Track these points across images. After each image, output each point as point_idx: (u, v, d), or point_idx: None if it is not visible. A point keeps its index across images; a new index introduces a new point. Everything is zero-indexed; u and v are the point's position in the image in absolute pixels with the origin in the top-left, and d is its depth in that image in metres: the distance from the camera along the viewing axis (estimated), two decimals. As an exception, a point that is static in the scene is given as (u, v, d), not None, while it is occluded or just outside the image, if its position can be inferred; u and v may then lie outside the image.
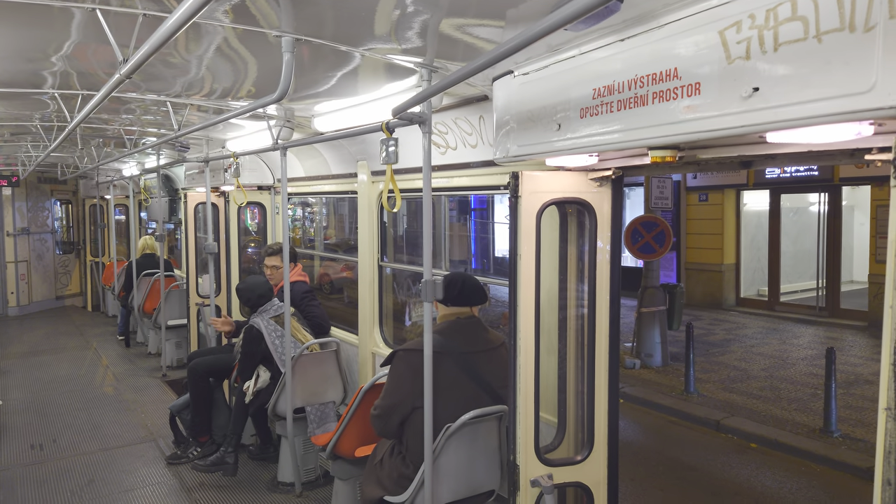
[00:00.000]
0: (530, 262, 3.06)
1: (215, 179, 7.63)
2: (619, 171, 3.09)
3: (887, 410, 1.60)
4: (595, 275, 3.24)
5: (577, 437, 3.52)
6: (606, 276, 3.26)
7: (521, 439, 3.09)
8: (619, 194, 3.25)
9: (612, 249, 3.25)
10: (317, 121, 5.18)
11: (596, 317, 3.27)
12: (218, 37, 3.09)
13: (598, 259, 3.26)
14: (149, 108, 5.47)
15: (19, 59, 3.79)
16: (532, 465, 3.14)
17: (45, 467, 6.01)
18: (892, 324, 1.58)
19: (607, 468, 3.34)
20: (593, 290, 3.27)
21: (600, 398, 3.29)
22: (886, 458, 1.61)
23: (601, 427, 3.31)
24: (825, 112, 1.70)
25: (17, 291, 14.28)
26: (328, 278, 15.71)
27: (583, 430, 3.48)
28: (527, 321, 3.06)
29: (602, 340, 3.29)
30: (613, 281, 3.27)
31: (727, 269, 15.50)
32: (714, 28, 1.95)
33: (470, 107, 3.89)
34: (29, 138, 7.98)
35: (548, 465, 3.19)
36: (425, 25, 2.70)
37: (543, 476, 3.11)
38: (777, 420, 7.80)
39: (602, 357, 3.29)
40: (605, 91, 2.41)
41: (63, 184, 14.99)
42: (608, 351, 3.30)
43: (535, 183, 3.05)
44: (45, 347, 11.15)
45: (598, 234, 3.24)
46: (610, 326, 3.27)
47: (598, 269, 3.26)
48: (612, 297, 3.29)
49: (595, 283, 3.25)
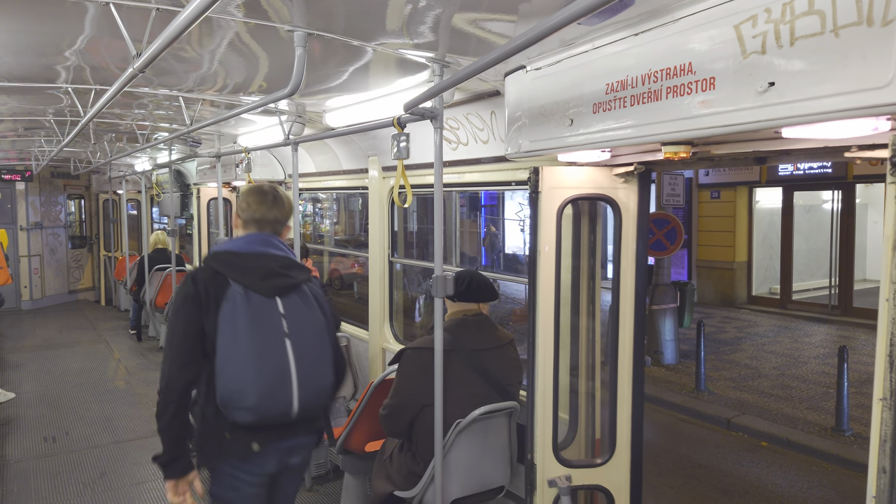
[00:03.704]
0: (550, 259, 3.00)
1: (227, 175, 7.66)
2: (641, 167, 3.01)
3: (882, 401, 1.66)
4: (619, 276, 3.14)
5: (587, 435, 3.51)
6: (631, 277, 3.15)
7: (538, 438, 3.07)
8: (645, 190, 3.15)
9: (638, 249, 3.15)
10: (328, 116, 5.18)
11: (620, 320, 3.18)
12: (230, 31, 3.09)
13: (623, 259, 3.15)
14: (161, 102, 5.50)
15: (33, 54, 3.82)
16: (550, 465, 3.11)
17: (58, 459, 6.07)
18: (888, 317, 1.64)
19: (630, 473, 3.29)
20: (617, 292, 3.17)
21: (623, 402, 3.24)
22: (882, 446, 1.67)
23: (624, 431, 3.26)
24: (842, 107, 1.68)
25: (30, 286, 14.41)
26: (338, 273, 15.76)
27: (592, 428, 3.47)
28: (546, 320, 3.02)
29: (626, 344, 3.21)
30: (639, 283, 3.16)
31: (739, 267, 15.40)
32: (729, 22, 1.94)
33: (481, 102, 3.88)
34: (42, 133, 8.04)
35: (566, 465, 3.15)
36: (437, 20, 2.69)
37: (561, 477, 3.08)
38: (788, 418, 7.76)
39: (626, 361, 3.22)
40: (618, 86, 2.40)
41: (76, 179, 15.10)
42: (632, 355, 3.21)
43: (556, 178, 2.98)
44: (58, 341, 11.25)
45: (622, 232, 3.14)
46: (635, 330, 3.18)
47: (622, 269, 3.16)
48: (638, 301, 3.18)
49: (619, 284, 3.14)
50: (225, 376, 2.71)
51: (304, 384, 2.78)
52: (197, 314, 2.73)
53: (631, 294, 3.15)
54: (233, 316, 2.73)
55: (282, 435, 2.82)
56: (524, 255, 15.77)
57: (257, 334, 2.74)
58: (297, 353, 2.79)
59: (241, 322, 2.72)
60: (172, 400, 2.71)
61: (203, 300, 2.74)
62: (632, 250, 3.11)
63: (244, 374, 2.70)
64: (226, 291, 2.75)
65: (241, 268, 2.82)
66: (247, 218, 2.99)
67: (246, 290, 2.76)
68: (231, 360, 2.71)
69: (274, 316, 2.79)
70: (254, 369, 2.70)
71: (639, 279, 3.15)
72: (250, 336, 2.72)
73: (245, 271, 2.81)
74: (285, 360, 2.76)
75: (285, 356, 2.76)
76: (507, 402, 3.60)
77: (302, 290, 2.92)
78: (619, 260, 3.13)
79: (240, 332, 2.72)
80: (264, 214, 2.97)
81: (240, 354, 2.71)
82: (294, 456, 2.94)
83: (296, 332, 2.81)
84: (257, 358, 2.71)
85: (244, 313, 2.73)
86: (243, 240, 2.94)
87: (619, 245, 3.12)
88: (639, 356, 3.23)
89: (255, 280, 2.79)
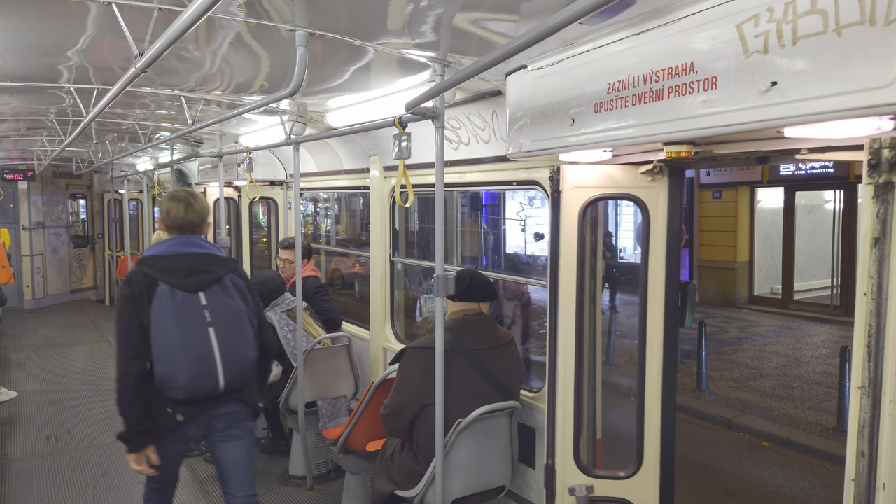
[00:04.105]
0: (572, 261, 2.93)
1: (228, 174, 7.67)
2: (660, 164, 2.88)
3: (861, 389, 1.78)
4: (646, 280, 2.94)
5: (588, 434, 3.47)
6: (660, 281, 2.94)
7: (559, 444, 3.03)
8: (677, 189, 2.91)
9: (669, 252, 2.91)
10: (329, 116, 5.19)
11: (647, 326, 3.00)
12: (232, 31, 3.10)
13: (651, 262, 2.95)
14: (163, 102, 5.50)
15: (36, 54, 3.82)
16: (570, 473, 3.05)
17: (60, 458, 6.08)
18: (865, 310, 1.76)
19: (660, 489, 3.08)
20: (644, 297, 2.98)
21: (651, 412, 3.07)
22: (860, 432, 1.79)
23: (652, 443, 3.08)
24: (845, 106, 1.68)
25: (32, 285, 14.43)
26: (339, 273, 15.76)
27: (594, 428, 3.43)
28: (567, 322, 2.96)
29: (654, 352, 3.02)
30: (669, 288, 2.94)
31: (740, 267, 15.38)
32: (731, 22, 1.94)
33: (483, 102, 3.88)
34: (44, 133, 8.05)
35: (587, 473, 3.07)
36: (439, 19, 2.69)
37: (581, 486, 3.02)
38: (790, 419, 7.75)
39: (654, 369, 3.04)
40: (619, 85, 2.40)
41: (78, 178, 15.12)
42: (662, 364, 3.02)
43: (578, 177, 2.89)
44: (61, 340, 11.26)
45: (650, 234, 2.94)
46: (665, 337, 2.98)
47: (650, 273, 2.96)
48: (668, 307, 2.97)
49: (647, 289, 2.95)
50: (159, 363, 3.24)
51: (227, 364, 3.30)
52: (136, 311, 3.23)
53: (660, 299, 2.93)
54: (161, 312, 3.22)
55: (209, 407, 3.36)
56: (525, 255, 15.75)
57: (183, 326, 3.24)
58: (220, 339, 3.29)
59: (168, 316, 3.22)
60: (130, 385, 3.24)
61: (139, 299, 3.23)
62: (661, 253, 2.89)
63: (173, 360, 3.22)
64: (155, 291, 3.24)
65: (166, 269, 3.31)
66: (169, 224, 3.50)
67: (172, 289, 3.26)
68: (162, 350, 3.23)
69: (197, 308, 3.28)
70: (181, 356, 3.22)
71: (669, 284, 2.94)
72: (177, 328, 3.22)
73: (170, 272, 3.30)
74: (209, 345, 3.27)
75: (209, 342, 3.27)
76: (508, 402, 3.60)
77: (223, 283, 3.40)
78: (646, 263, 2.93)
79: (168, 325, 3.22)
80: (183, 219, 3.48)
81: (169, 344, 3.22)
82: (217, 422, 3.44)
83: (218, 319, 3.31)
84: (183, 346, 3.22)
85: (171, 309, 3.23)
86: (168, 243, 3.44)
87: (646, 247, 2.92)
88: (669, 365, 3.02)
89: (178, 279, 3.29)
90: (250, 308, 3.48)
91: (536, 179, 3.76)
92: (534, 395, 3.92)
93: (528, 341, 7.27)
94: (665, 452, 3.07)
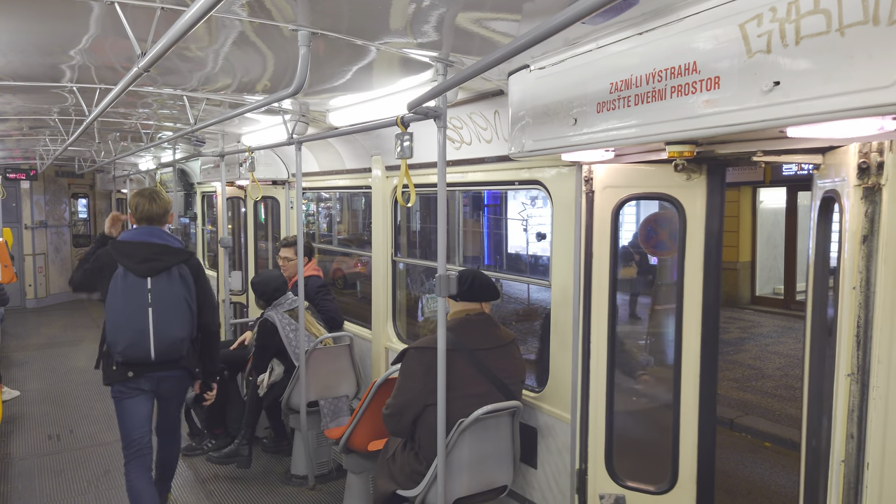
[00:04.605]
0: (605, 263, 2.86)
1: (230, 174, 7.68)
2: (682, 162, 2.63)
3: (850, 376, 1.89)
4: (683, 284, 2.77)
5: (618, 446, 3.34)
6: (698, 286, 2.74)
7: (591, 449, 2.98)
8: (717, 189, 2.71)
9: (707, 254, 2.70)
10: (332, 115, 5.19)
11: (683, 333, 2.82)
12: (234, 31, 3.10)
13: (688, 265, 2.77)
14: (165, 102, 5.51)
15: (38, 53, 3.83)
16: (601, 479, 2.98)
17: (62, 457, 6.09)
18: (854, 302, 1.87)
19: None
20: (680, 303, 2.82)
21: (687, 426, 2.91)
22: (850, 415, 1.91)
23: (688, 458, 2.92)
24: (848, 106, 1.67)
25: (34, 284, 14.46)
26: (341, 273, 15.77)
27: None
28: (600, 326, 2.89)
29: (691, 361, 2.84)
30: (708, 294, 2.73)
31: (742, 267, 15.36)
32: (734, 21, 1.93)
33: (485, 101, 3.88)
34: (47, 132, 8.06)
35: (619, 483, 2.98)
36: (441, 19, 2.69)
37: (612, 495, 2.94)
38: (792, 419, 7.74)
39: (691, 380, 2.86)
40: (622, 85, 2.39)
41: (80, 178, 15.14)
42: (699, 374, 2.85)
43: (611, 176, 2.81)
44: (63, 339, 11.28)
45: (686, 236, 2.77)
46: (702, 346, 2.79)
47: (686, 277, 2.77)
48: (706, 314, 2.78)
49: (683, 294, 2.78)
50: (108, 329, 4.07)
51: (158, 339, 4.04)
52: (98, 273, 4.17)
53: (697, 305, 2.78)
54: (115, 289, 4.05)
55: (147, 369, 4.13)
56: (526, 255, 15.74)
57: (128, 304, 4.01)
58: (156, 318, 4.03)
59: (119, 294, 4.04)
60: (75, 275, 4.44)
61: (104, 271, 4.10)
62: (698, 256, 2.73)
63: (117, 330, 4.01)
64: (113, 271, 4.07)
65: (125, 254, 4.10)
66: (138, 217, 4.28)
67: (125, 272, 4.05)
68: (111, 319, 4.04)
69: (142, 291, 4.05)
70: (123, 328, 4.00)
71: (707, 289, 2.75)
72: (124, 304, 4.01)
73: (127, 257, 4.09)
74: (146, 323, 4.01)
75: (146, 320, 4.01)
76: (510, 402, 3.60)
77: (171, 272, 4.13)
78: (682, 266, 2.76)
79: (117, 301, 4.03)
80: (149, 211, 4.25)
81: (116, 317, 4.02)
82: (162, 384, 4.26)
83: (158, 302, 4.05)
84: (126, 320, 4.00)
85: (122, 288, 4.03)
86: (135, 231, 4.26)
87: (682, 250, 2.75)
88: (708, 377, 2.85)
89: (133, 264, 4.07)
90: (191, 294, 4.19)
91: (539, 179, 3.76)
92: (535, 394, 3.92)
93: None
94: (703, 471, 2.88)
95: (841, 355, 1.95)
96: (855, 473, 1.93)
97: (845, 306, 1.92)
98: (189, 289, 4.17)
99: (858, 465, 1.90)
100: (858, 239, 1.87)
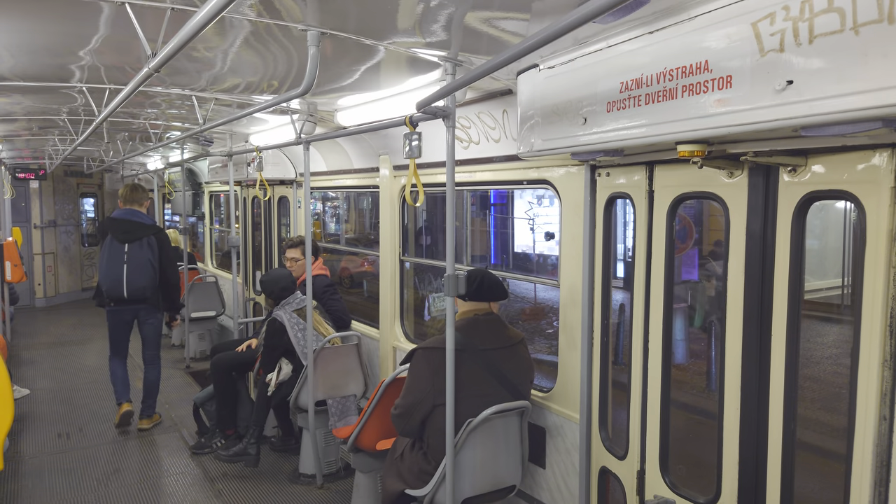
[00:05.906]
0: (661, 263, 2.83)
1: (238, 173, 7.70)
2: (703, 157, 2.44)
3: (885, 363, 2.12)
4: (726, 286, 2.62)
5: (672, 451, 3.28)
6: (739, 293, 2.56)
7: (649, 452, 3.01)
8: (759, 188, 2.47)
9: (749, 260, 2.52)
10: (340, 115, 5.19)
11: (726, 340, 2.68)
12: (244, 31, 3.10)
13: (731, 265, 2.61)
14: (174, 102, 5.53)
15: (48, 54, 3.85)
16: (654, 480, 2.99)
17: (72, 456, 6.12)
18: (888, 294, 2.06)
19: None
20: (723, 311, 2.66)
21: (730, 438, 2.82)
22: (883, 398, 2.14)
23: (730, 474, 2.83)
24: (862, 105, 1.66)
25: (44, 283, 14.53)
26: (348, 272, 15.78)
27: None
28: (657, 327, 2.91)
29: (733, 370, 2.70)
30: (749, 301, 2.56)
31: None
32: (747, 20, 1.92)
33: (493, 101, 3.87)
34: (56, 132, 8.10)
35: (671, 488, 2.97)
36: (450, 18, 2.69)
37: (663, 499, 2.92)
38: (800, 419, 7.68)
39: (733, 391, 2.74)
40: (632, 84, 2.38)
41: (89, 177, 15.21)
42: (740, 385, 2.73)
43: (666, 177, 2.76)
44: (72, 338, 11.34)
45: (730, 234, 2.61)
46: (743, 355, 2.66)
47: (730, 277, 2.62)
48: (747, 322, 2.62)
49: (726, 295, 2.63)
50: (99, 275, 6.40)
51: (129, 284, 6.17)
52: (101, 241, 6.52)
53: (739, 307, 2.59)
54: (104, 249, 6.29)
55: (123, 303, 6.27)
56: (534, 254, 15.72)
57: (110, 260, 6.19)
58: (128, 272, 6.16)
59: (106, 253, 6.25)
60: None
61: (101, 235, 7.44)
62: (740, 262, 2.55)
63: (104, 276, 6.24)
64: (105, 238, 6.31)
65: (112, 227, 6.31)
66: (123, 202, 6.46)
67: (111, 239, 6.21)
68: (100, 270, 6.34)
69: (121, 253, 6.18)
70: (106, 275, 6.20)
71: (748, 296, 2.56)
72: (108, 261, 6.20)
73: (113, 229, 6.28)
74: (121, 274, 6.16)
75: (121, 273, 6.16)
76: (519, 402, 3.60)
77: (142, 241, 6.22)
78: (726, 266, 2.62)
79: (105, 257, 6.24)
80: (129, 196, 6.47)
81: (103, 268, 6.26)
82: (140, 313, 6.45)
83: (130, 261, 6.17)
84: (108, 270, 6.19)
85: (109, 249, 6.22)
86: (120, 211, 6.42)
87: (727, 249, 2.62)
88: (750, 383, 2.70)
89: (116, 234, 6.22)
90: (155, 257, 6.26)
91: (547, 178, 3.75)
92: (544, 394, 3.91)
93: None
94: (744, 487, 2.78)
95: (872, 344, 2.17)
96: (888, 453, 2.15)
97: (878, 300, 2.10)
98: (154, 253, 6.25)
99: (891, 444, 2.16)
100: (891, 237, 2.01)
